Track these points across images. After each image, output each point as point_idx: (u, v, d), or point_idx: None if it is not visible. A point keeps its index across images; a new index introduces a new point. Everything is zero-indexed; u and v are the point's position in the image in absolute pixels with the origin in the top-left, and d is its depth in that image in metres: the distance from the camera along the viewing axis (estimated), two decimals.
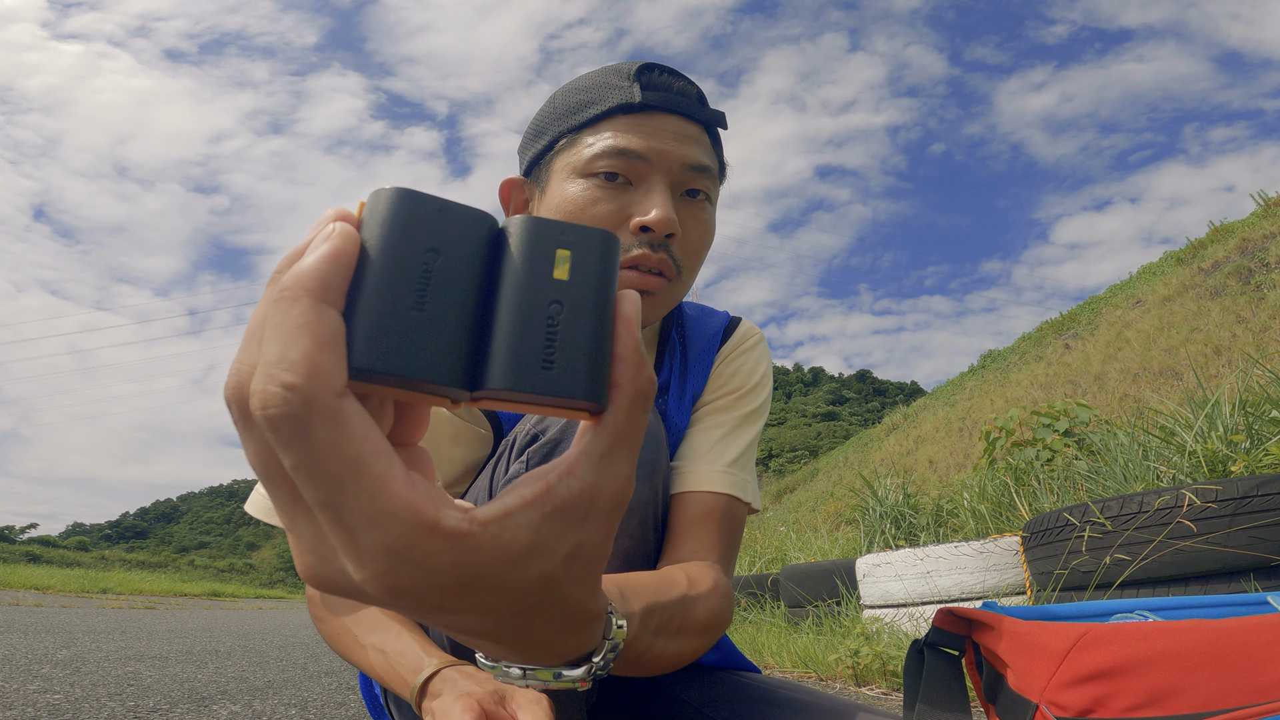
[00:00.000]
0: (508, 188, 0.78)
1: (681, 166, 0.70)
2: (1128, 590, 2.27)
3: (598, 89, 0.71)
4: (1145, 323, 9.04)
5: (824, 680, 2.71)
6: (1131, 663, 0.44)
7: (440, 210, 0.25)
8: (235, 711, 1.83)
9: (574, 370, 0.25)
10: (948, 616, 0.63)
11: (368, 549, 0.23)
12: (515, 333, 0.24)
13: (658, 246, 0.69)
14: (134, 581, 14.89)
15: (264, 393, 0.22)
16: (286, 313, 0.22)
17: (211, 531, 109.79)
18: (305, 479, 0.23)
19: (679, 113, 0.71)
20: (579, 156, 0.70)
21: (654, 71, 0.71)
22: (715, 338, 0.85)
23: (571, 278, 0.26)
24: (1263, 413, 2.97)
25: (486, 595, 0.26)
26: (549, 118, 0.74)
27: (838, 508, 8.66)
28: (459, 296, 0.24)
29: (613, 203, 0.68)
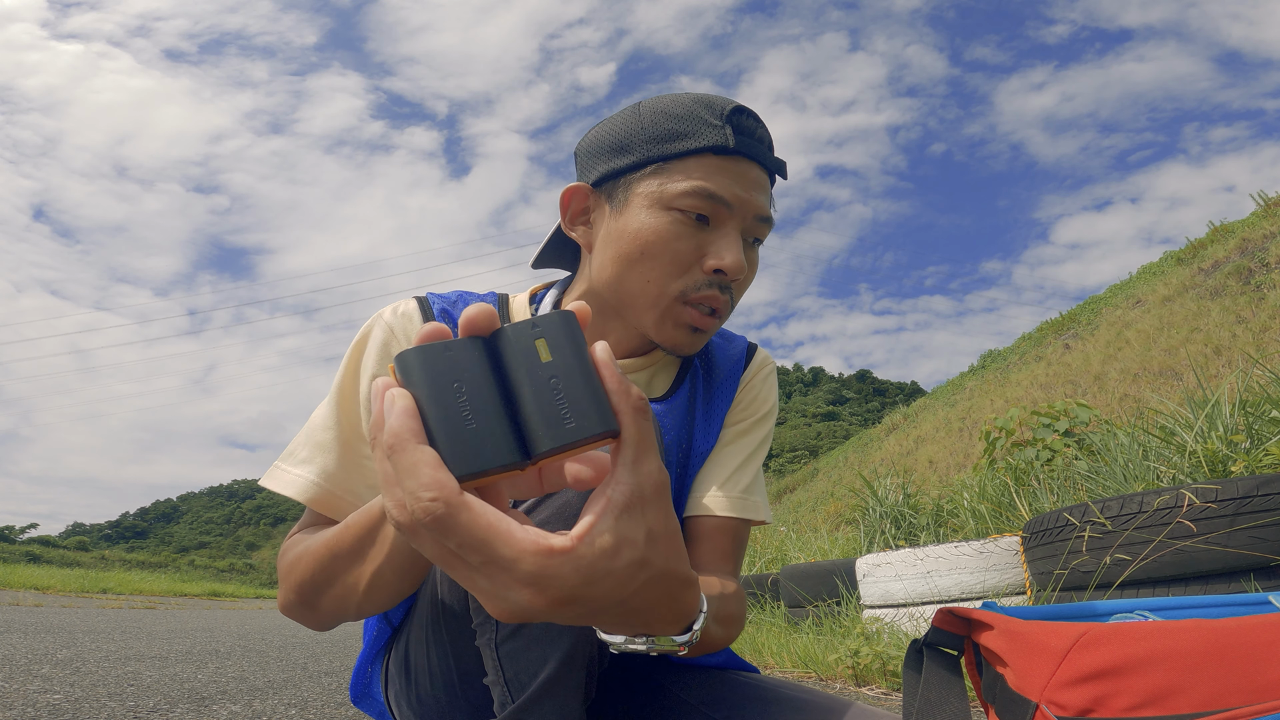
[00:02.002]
0: (570, 195, 0.80)
1: (754, 216, 0.75)
2: (1128, 590, 2.27)
3: (690, 122, 0.73)
4: (1145, 323, 9.05)
5: (824, 680, 2.71)
6: (1131, 662, 0.44)
7: (446, 349, 0.35)
8: (235, 711, 1.83)
9: (585, 415, 0.35)
10: (947, 616, 0.63)
11: (524, 579, 0.34)
12: (537, 409, 0.35)
13: (724, 289, 0.74)
14: (134, 581, 14.90)
15: (419, 509, 0.33)
16: (402, 458, 0.34)
17: (211, 531, 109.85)
18: (467, 551, 0.34)
19: (760, 161, 0.75)
20: (668, 189, 0.72)
21: (743, 115, 0.74)
22: (739, 363, 0.90)
23: (554, 356, 0.36)
24: (1263, 413, 2.98)
25: (605, 586, 0.36)
26: (636, 137, 0.75)
27: (838, 508, 8.67)
28: (490, 404, 0.35)
29: (692, 240, 0.73)
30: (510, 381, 0.36)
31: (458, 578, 0.36)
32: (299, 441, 0.76)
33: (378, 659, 0.86)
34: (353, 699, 0.90)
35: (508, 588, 0.35)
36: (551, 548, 0.34)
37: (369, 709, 0.88)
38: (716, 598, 0.65)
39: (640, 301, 0.75)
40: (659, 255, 0.72)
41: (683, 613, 0.43)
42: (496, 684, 0.58)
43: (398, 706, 0.81)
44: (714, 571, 0.77)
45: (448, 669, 0.71)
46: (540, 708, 0.56)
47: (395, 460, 0.34)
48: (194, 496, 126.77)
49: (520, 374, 0.35)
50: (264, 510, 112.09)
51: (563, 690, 0.56)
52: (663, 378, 0.85)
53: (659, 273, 0.73)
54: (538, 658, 0.56)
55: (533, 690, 0.56)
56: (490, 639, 0.58)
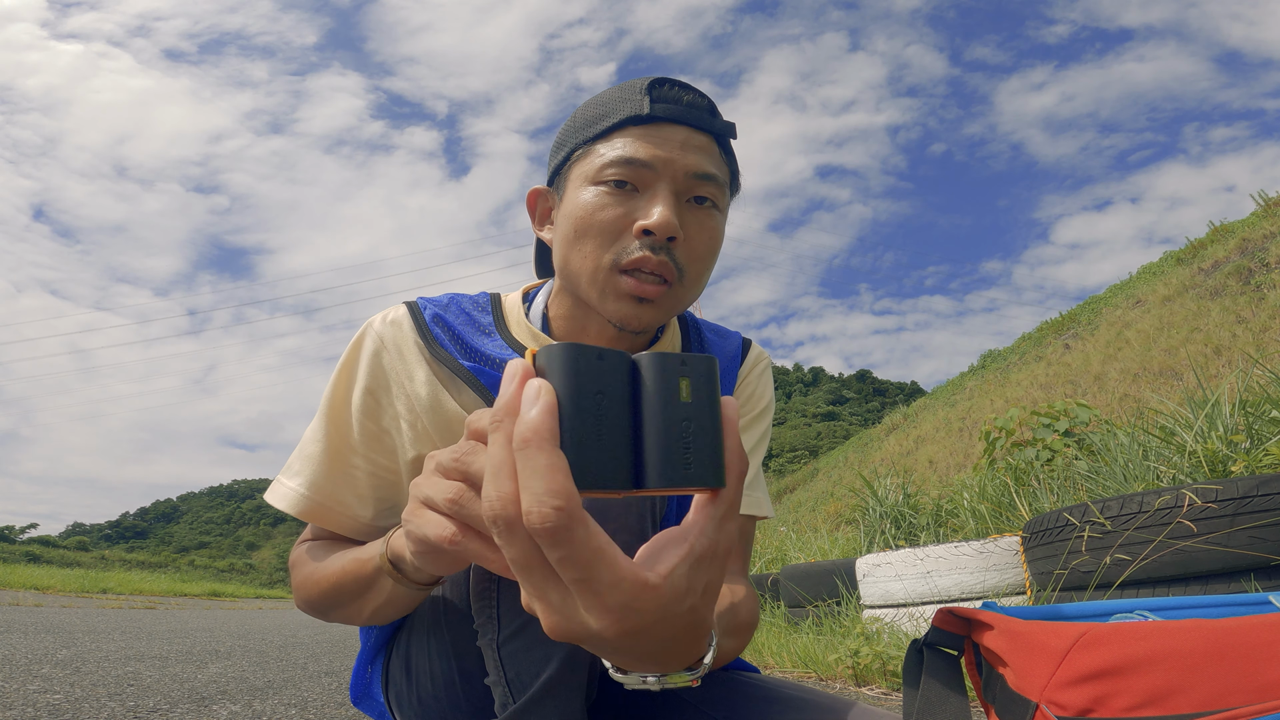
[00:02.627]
0: (534, 196, 0.83)
1: (686, 174, 0.73)
2: (1128, 590, 2.27)
3: (612, 102, 0.75)
4: (1145, 323, 9.05)
5: (824, 680, 2.71)
6: (1131, 662, 0.44)
7: (599, 358, 0.35)
8: (235, 711, 1.83)
9: (704, 466, 0.36)
10: (947, 616, 0.63)
11: (611, 606, 0.35)
12: (664, 448, 0.35)
13: (659, 249, 0.71)
14: (134, 581, 14.90)
15: (540, 514, 0.32)
16: (535, 457, 0.33)
17: (211, 531, 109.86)
18: (567, 566, 0.34)
19: (687, 123, 0.74)
20: (591, 165, 0.73)
21: (665, 85, 0.74)
22: (735, 359, 0.90)
23: (693, 399, 0.36)
24: (1263, 413, 2.97)
25: (665, 626, 0.37)
26: (568, 131, 0.78)
27: (838, 508, 8.67)
28: (623, 423, 0.36)
29: (620, 208, 0.72)
30: (644, 408, 0.36)
31: (528, 584, 0.36)
32: (293, 455, 0.79)
33: (377, 659, 0.86)
34: (353, 699, 0.90)
35: (589, 610, 0.35)
36: (646, 582, 0.35)
37: (369, 709, 0.88)
38: (726, 611, 0.65)
39: (583, 279, 0.74)
40: (589, 228, 0.72)
41: (696, 652, 0.44)
42: (498, 684, 0.58)
43: (398, 707, 0.81)
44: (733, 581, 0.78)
45: (449, 669, 0.71)
46: (542, 708, 0.56)
47: (526, 456, 0.33)
48: (194, 496, 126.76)
49: (656, 405, 0.36)
50: (264, 510, 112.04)
51: (564, 691, 0.56)
52: None
53: (591, 244, 0.73)
54: (540, 658, 0.56)
55: (534, 691, 0.56)
56: (492, 639, 0.58)
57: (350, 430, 0.77)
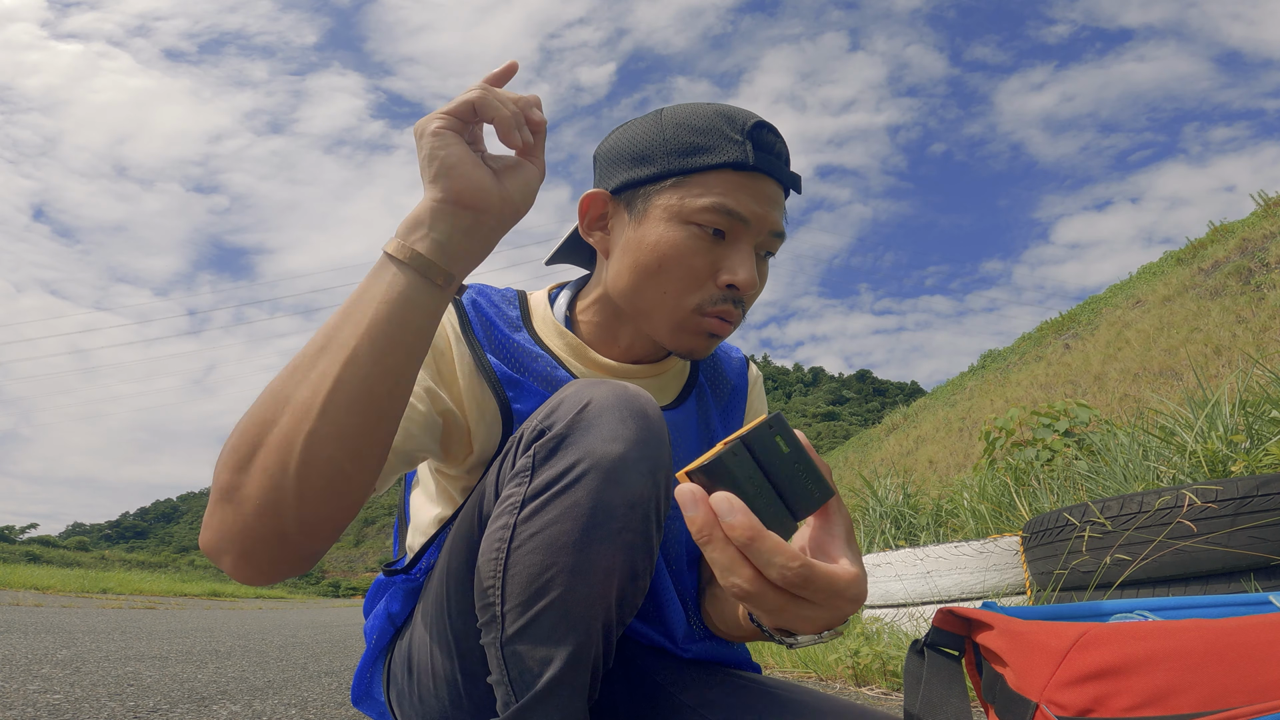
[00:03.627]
0: (589, 201, 0.81)
1: (768, 232, 0.76)
2: (1128, 590, 2.27)
3: (712, 136, 0.74)
4: (1145, 323, 9.04)
5: (824, 680, 2.71)
6: (1131, 662, 0.44)
7: (734, 454, 0.50)
8: (235, 711, 1.83)
9: (820, 487, 0.54)
10: (948, 617, 0.63)
11: (850, 599, 0.51)
12: (793, 488, 0.52)
13: (738, 303, 0.76)
14: (134, 581, 14.88)
15: (790, 575, 0.48)
16: (761, 544, 0.48)
17: None
18: (816, 594, 0.50)
19: (776, 178, 0.76)
20: (686, 204, 0.74)
21: (764, 131, 0.75)
22: (743, 375, 0.95)
23: (789, 447, 0.52)
24: (1263, 413, 2.97)
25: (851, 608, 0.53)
26: (657, 149, 0.76)
27: None
28: (769, 488, 0.51)
29: (708, 255, 0.74)
30: (768, 470, 0.51)
31: (785, 614, 0.50)
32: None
33: (380, 659, 0.86)
34: (353, 700, 0.90)
35: (838, 609, 0.51)
36: (857, 574, 0.52)
37: (369, 710, 0.88)
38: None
39: (656, 313, 0.77)
40: (675, 269, 0.74)
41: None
42: (501, 684, 0.57)
43: (399, 706, 0.81)
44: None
45: (451, 668, 0.71)
46: (544, 708, 0.56)
47: (755, 547, 0.47)
48: (194, 496, 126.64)
49: (775, 465, 0.51)
50: None
51: (567, 690, 0.56)
52: (671, 387, 0.87)
53: (675, 286, 0.75)
54: (543, 658, 0.56)
55: (537, 690, 0.56)
56: (496, 638, 0.57)
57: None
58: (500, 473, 0.65)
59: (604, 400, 0.59)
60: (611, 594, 0.57)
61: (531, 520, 0.57)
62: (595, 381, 0.62)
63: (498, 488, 0.64)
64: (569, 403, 0.60)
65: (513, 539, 0.57)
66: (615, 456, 0.56)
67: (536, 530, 0.56)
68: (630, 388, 0.62)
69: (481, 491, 0.68)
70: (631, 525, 0.57)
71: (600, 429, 0.57)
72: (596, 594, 0.56)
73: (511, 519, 0.58)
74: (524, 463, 0.60)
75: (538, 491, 0.58)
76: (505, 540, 0.58)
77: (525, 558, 0.56)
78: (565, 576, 0.55)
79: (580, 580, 0.56)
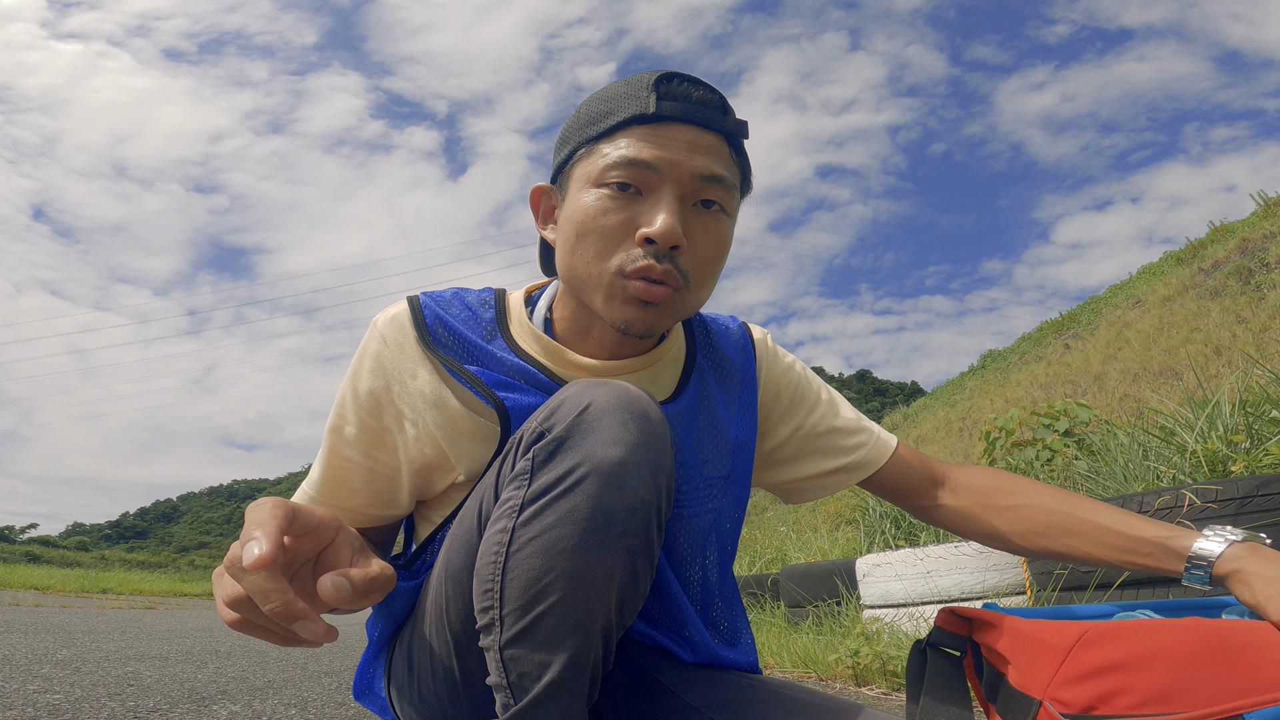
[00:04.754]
0: (536, 194, 0.81)
1: (692, 177, 0.70)
2: (1128, 590, 2.27)
3: (617, 99, 0.72)
4: (1145, 323, 9.04)
5: (824, 680, 2.71)
6: (1134, 660, 0.44)
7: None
8: (235, 711, 1.82)
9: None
10: (950, 616, 0.63)
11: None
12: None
13: (662, 258, 0.69)
14: (134, 581, 14.86)
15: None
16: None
17: (211, 531, 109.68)
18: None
19: (695, 123, 0.71)
20: (594, 167, 0.71)
21: (673, 81, 0.71)
22: (748, 347, 0.90)
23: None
24: (1263, 413, 2.97)
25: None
26: (572, 128, 0.76)
27: (838, 508, 8.66)
28: None
29: (623, 213, 0.70)
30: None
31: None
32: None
33: (381, 654, 0.86)
34: (355, 694, 0.90)
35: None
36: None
37: (370, 704, 0.88)
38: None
39: (587, 284, 0.72)
40: (591, 232, 0.71)
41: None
42: (500, 687, 0.57)
43: (399, 704, 0.81)
44: (952, 473, 0.89)
45: (450, 669, 0.70)
46: (543, 712, 0.55)
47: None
48: (194, 496, 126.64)
49: None
50: None
51: (565, 695, 0.56)
52: (667, 377, 0.83)
53: (594, 250, 0.71)
54: (541, 662, 0.55)
55: (536, 694, 0.55)
56: (494, 641, 0.57)
57: (352, 427, 0.77)
58: (500, 474, 0.65)
59: (605, 402, 0.59)
60: (611, 599, 0.57)
61: (530, 524, 0.57)
62: (596, 382, 0.62)
63: (497, 489, 0.64)
64: (569, 404, 0.60)
65: (511, 543, 0.57)
66: (616, 460, 0.56)
67: (535, 534, 0.56)
68: (632, 389, 0.61)
69: (481, 492, 0.68)
70: (632, 530, 0.57)
71: (601, 432, 0.57)
72: (596, 599, 0.56)
73: (510, 522, 0.58)
74: (523, 465, 0.59)
75: (537, 495, 0.57)
76: (504, 544, 0.57)
77: (524, 562, 0.56)
78: (564, 581, 0.55)
79: (579, 585, 0.55)
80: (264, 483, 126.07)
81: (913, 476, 0.90)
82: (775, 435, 0.91)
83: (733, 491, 0.83)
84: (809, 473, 0.90)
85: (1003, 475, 0.87)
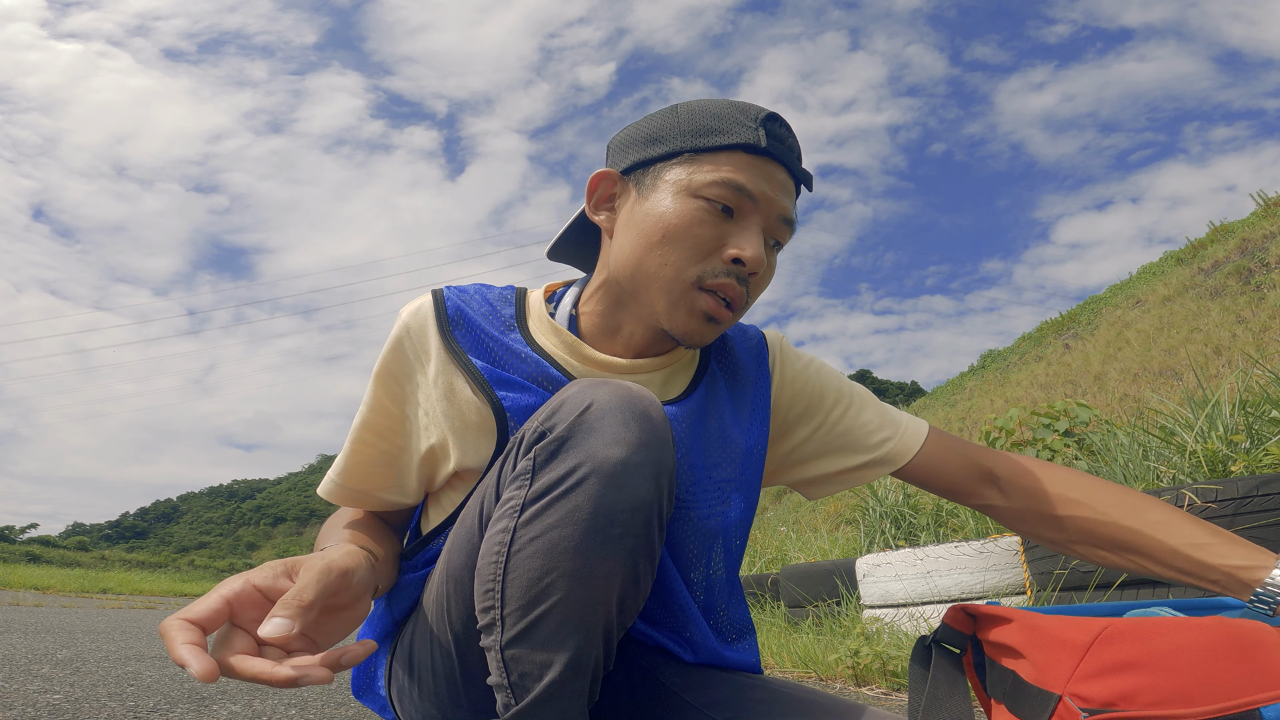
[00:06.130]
0: (599, 180, 0.81)
1: (778, 216, 0.76)
2: (1127, 591, 2.26)
3: (726, 120, 0.75)
4: (1145, 323, 9.04)
5: (824, 680, 2.71)
6: (1155, 656, 0.44)
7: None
8: (235, 711, 1.82)
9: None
10: (958, 614, 0.63)
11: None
12: None
13: (742, 280, 0.75)
14: (134, 581, 14.86)
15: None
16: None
17: (211, 531, 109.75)
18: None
19: (787, 166, 0.76)
20: (697, 177, 0.74)
21: (776, 122, 0.76)
22: (762, 352, 0.90)
23: None
24: (1263, 413, 2.97)
25: None
26: (670, 130, 0.77)
27: (838, 508, 8.66)
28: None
29: (715, 229, 0.74)
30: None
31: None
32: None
33: (381, 653, 0.86)
34: (354, 692, 0.90)
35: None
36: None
37: (370, 703, 0.88)
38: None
39: (656, 284, 0.74)
40: (680, 239, 0.73)
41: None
42: (501, 687, 0.57)
43: (400, 702, 0.81)
44: (995, 465, 0.84)
45: (451, 668, 0.70)
46: (543, 712, 0.55)
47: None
48: (194, 496, 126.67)
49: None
50: (264, 510, 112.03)
51: (566, 696, 0.56)
52: (679, 379, 0.84)
53: (678, 255, 0.73)
54: (542, 662, 0.55)
55: (536, 694, 0.55)
56: (495, 641, 0.57)
57: (374, 413, 0.79)
58: (501, 474, 0.65)
59: (606, 402, 0.59)
60: (612, 599, 0.57)
61: (532, 524, 0.57)
62: (598, 382, 0.62)
63: (498, 489, 0.64)
64: (570, 404, 0.60)
65: (513, 543, 0.57)
66: (617, 460, 0.56)
67: (537, 534, 0.56)
68: (634, 388, 0.61)
69: (482, 492, 0.68)
70: (634, 530, 0.57)
71: (602, 432, 0.57)
72: (597, 599, 0.56)
73: (512, 522, 0.58)
74: (524, 465, 0.60)
75: (538, 495, 0.57)
76: (505, 544, 0.58)
77: (525, 562, 0.56)
78: (565, 581, 0.55)
79: (581, 585, 0.55)
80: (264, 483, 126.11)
81: (949, 469, 0.85)
82: (795, 435, 0.89)
83: (741, 495, 0.83)
84: (832, 469, 0.89)
85: (1056, 473, 0.82)
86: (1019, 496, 0.82)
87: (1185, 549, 0.69)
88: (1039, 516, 0.80)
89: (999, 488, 0.83)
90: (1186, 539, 0.70)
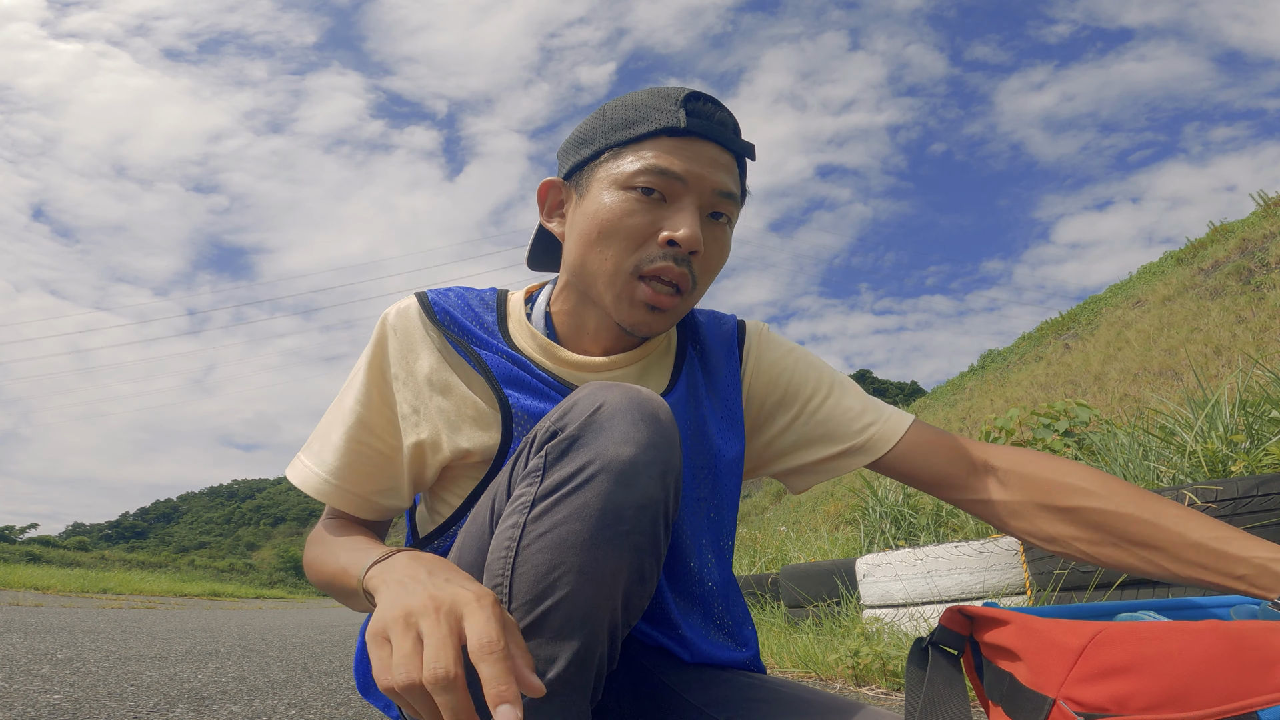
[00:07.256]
0: (547, 188, 0.84)
1: (712, 191, 0.76)
2: (1128, 590, 2.27)
3: (646, 109, 0.76)
4: (1145, 323, 9.05)
5: (824, 680, 2.71)
6: (1150, 660, 0.44)
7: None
8: (235, 711, 1.82)
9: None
10: (955, 615, 0.63)
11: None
12: None
13: (680, 261, 0.75)
14: (134, 581, 14.88)
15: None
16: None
17: (211, 531, 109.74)
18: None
19: (716, 141, 0.76)
20: (621, 170, 0.75)
21: (699, 100, 0.76)
22: (733, 339, 0.91)
23: None
24: (1263, 413, 2.97)
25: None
26: (597, 129, 0.79)
27: (838, 508, 8.66)
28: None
29: (646, 215, 0.75)
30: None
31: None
32: (313, 434, 0.83)
33: None
34: (359, 689, 0.90)
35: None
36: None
37: (376, 700, 0.88)
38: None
39: (600, 280, 0.77)
40: (614, 232, 0.75)
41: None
42: None
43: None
44: (989, 456, 0.80)
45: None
46: (547, 707, 0.56)
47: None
48: (194, 496, 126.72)
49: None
50: (264, 510, 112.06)
51: (570, 690, 0.56)
52: (657, 371, 0.85)
53: (615, 249, 0.75)
54: (548, 657, 0.56)
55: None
56: None
57: (361, 414, 0.80)
58: (513, 472, 0.66)
59: (617, 403, 0.60)
60: (618, 595, 0.58)
61: (541, 520, 0.58)
62: (609, 385, 0.63)
63: (510, 487, 0.65)
64: (582, 405, 0.61)
65: (522, 538, 0.58)
66: (626, 459, 0.57)
67: (546, 530, 0.57)
68: (644, 391, 0.63)
69: (493, 491, 0.69)
70: (640, 528, 0.57)
71: (613, 431, 0.58)
72: (603, 595, 0.57)
73: (521, 518, 0.59)
74: (536, 463, 0.61)
75: (548, 491, 0.58)
76: (514, 539, 0.58)
77: (533, 557, 0.57)
78: (572, 576, 0.56)
79: (587, 581, 0.56)
80: (264, 483, 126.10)
81: (938, 460, 0.82)
82: (774, 424, 0.89)
83: (721, 483, 0.84)
84: (813, 458, 0.87)
85: (1061, 464, 0.76)
86: (1021, 487, 0.77)
87: (1209, 541, 0.65)
88: (1043, 507, 0.75)
89: (998, 479, 0.79)
90: (1209, 532, 0.66)
